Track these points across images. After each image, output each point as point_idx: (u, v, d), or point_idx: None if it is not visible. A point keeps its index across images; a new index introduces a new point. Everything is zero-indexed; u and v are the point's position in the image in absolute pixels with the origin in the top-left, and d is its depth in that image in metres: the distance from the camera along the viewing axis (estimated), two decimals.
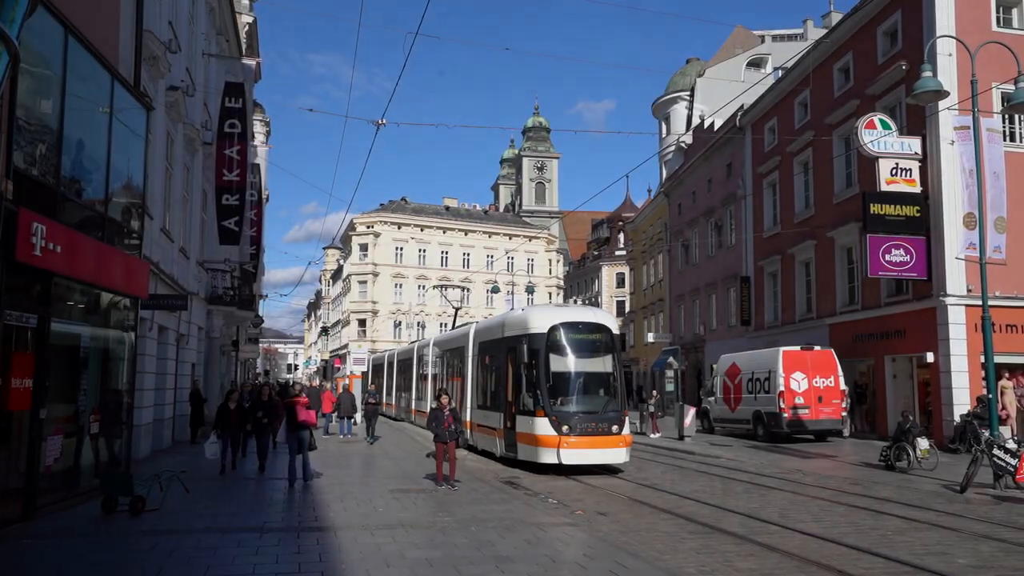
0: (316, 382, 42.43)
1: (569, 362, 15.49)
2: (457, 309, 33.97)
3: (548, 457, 14.71)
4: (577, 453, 14.59)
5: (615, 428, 15.01)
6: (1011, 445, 12.93)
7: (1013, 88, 13.71)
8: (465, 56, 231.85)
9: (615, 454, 15.04)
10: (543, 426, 14.79)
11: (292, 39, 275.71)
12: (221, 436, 14.20)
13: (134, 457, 13.40)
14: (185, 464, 13.58)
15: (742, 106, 33.79)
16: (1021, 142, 21.72)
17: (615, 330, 16.31)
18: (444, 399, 12.98)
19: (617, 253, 65.78)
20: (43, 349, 9.32)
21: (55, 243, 8.92)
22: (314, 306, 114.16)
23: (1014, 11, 21.96)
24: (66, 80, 9.65)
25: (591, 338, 15.92)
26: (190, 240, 21.79)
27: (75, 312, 10.81)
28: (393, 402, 34.87)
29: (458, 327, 25.00)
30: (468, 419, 19.10)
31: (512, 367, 16.26)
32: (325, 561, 7.36)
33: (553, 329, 15.52)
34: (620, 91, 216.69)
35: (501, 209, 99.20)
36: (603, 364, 15.90)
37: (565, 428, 14.65)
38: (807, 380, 22.31)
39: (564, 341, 15.46)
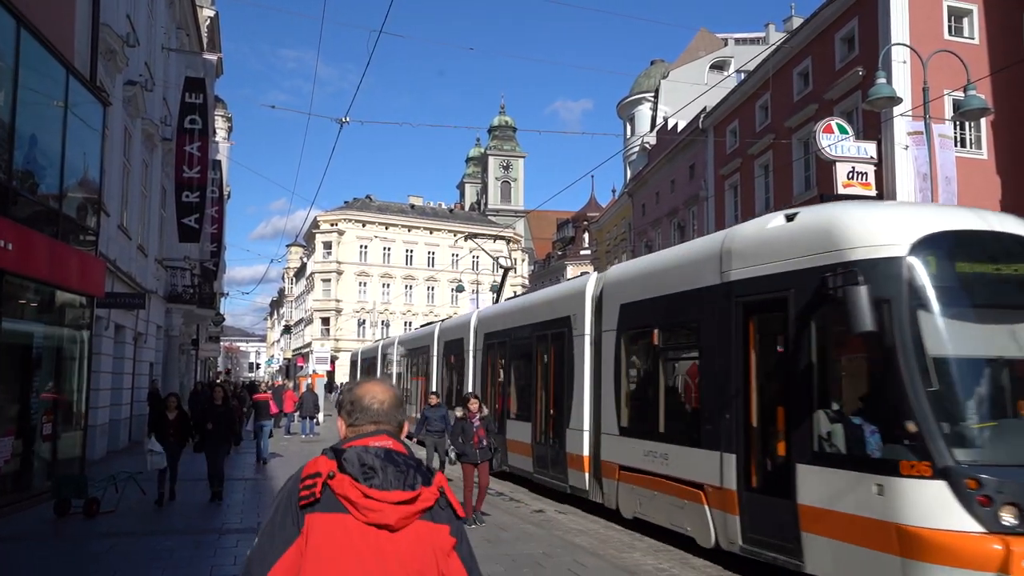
0: (279, 381, 41.88)
1: (986, 335, 6.49)
2: (507, 270, 27.41)
3: None
4: None
5: None
6: None
7: (963, 96, 14.12)
8: (435, 55, 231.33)
9: None
10: (934, 505, 5.58)
11: (263, 33, 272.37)
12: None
13: (89, 458, 13.14)
14: (141, 465, 13.33)
15: (705, 108, 34.19)
16: (971, 148, 22.38)
17: None
18: (474, 404, 9.90)
19: (582, 253, 66.19)
20: None
21: (6, 240, 8.76)
22: (277, 304, 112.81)
23: (964, 20, 22.61)
24: (18, 73, 9.47)
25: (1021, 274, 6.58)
26: (149, 237, 21.43)
27: (27, 311, 10.61)
28: None
29: (533, 291, 17.75)
30: (566, 449, 11.53)
31: (790, 350, 6.94)
32: None
33: (925, 246, 6.27)
34: (597, 91, 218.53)
35: (467, 208, 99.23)
36: None
37: (1009, 515, 5.42)
38: None
39: (965, 278, 6.38)
